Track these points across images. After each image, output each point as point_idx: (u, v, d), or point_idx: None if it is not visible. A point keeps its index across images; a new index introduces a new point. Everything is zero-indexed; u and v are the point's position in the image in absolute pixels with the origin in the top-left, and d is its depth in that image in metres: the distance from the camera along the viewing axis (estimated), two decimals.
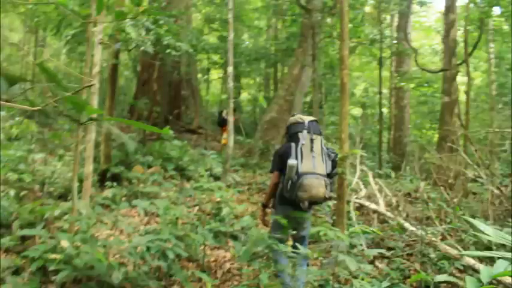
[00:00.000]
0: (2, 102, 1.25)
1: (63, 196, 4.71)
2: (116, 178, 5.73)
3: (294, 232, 3.02)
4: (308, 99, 12.73)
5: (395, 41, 12.21)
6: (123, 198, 4.98)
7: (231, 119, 7.21)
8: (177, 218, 3.68)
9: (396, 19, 13.76)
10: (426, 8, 14.81)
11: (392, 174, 8.44)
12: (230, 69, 7.21)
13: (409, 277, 3.50)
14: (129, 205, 3.93)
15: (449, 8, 10.39)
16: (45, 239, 2.82)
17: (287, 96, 10.39)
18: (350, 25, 8.81)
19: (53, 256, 2.59)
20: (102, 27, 3.74)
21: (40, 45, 14.94)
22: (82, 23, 4.95)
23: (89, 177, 3.56)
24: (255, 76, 17.96)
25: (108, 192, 5.05)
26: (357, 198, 5.90)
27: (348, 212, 4.83)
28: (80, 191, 3.49)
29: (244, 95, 19.20)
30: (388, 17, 13.90)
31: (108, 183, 5.23)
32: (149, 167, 6.66)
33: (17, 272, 2.78)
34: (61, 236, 2.73)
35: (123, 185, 5.60)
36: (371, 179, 6.48)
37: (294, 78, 10.45)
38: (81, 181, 3.58)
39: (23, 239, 3.35)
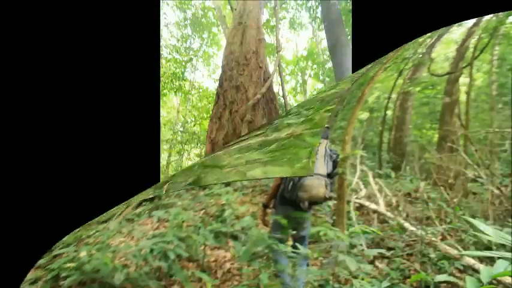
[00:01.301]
0: None
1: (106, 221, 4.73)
2: None
3: (294, 232, 3.02)
4: None
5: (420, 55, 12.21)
6: (147, 211, 5.02)
7: None
8: (183, 222, 3.71)
9: None
10: None
11: (392, 174, 8.42)
12: None
13: (409, 277, 3.50)
14: (148, 216, 3.97)
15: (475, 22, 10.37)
16: (70, 253, 2.86)
17: None
18: None
19: (68, 265, 2.63)
20: None
21: None
22: None
23: None
24: None
25: (139, 209, 5.08)
26: (357, 198, 5.90)
27: (348, 212, 4.83)
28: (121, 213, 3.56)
29: None
30: None
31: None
32: None
33: (35, 282, 2.81)
34: (83, 249, 2.78)
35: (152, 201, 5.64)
36: (371, 179, 6.48)
37: None
38: None
39: (55, 256, 3.38)
